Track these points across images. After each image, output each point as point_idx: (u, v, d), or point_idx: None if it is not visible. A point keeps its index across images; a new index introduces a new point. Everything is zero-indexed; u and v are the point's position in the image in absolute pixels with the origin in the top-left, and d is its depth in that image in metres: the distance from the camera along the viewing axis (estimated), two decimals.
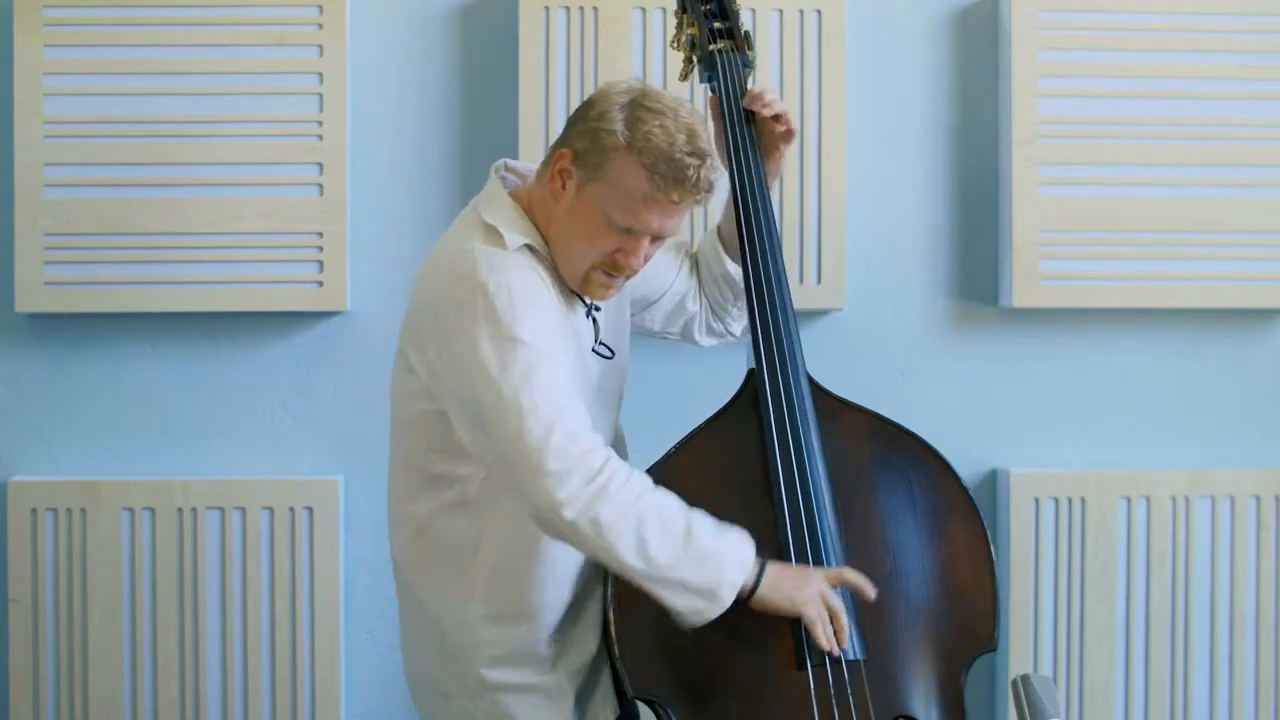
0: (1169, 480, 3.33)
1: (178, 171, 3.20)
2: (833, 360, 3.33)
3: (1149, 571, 3.32)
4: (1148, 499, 3.32)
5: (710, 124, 2.59)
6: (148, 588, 3.21)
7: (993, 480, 3.39)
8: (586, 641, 2.46)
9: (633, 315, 2.67)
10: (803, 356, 2.52)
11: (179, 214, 3.21)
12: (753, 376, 2.51)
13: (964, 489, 2.56)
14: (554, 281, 2.41)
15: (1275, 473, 3.35)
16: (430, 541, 2.44)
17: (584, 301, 2.46)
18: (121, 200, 3.20)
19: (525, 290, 2.31)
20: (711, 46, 2.67)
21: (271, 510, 3.22)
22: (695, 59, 2.70)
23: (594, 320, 2.49)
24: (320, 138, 3.22)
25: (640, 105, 2.34)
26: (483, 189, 2.49)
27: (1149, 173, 3.32)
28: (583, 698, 2.46)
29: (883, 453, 2.55)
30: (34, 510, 3.20)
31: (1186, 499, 3.33)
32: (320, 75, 3.22)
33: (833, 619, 2.35)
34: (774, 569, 2.33)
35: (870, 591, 2.37)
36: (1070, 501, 3.31)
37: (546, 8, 3.23)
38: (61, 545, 3.20)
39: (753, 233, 2.54)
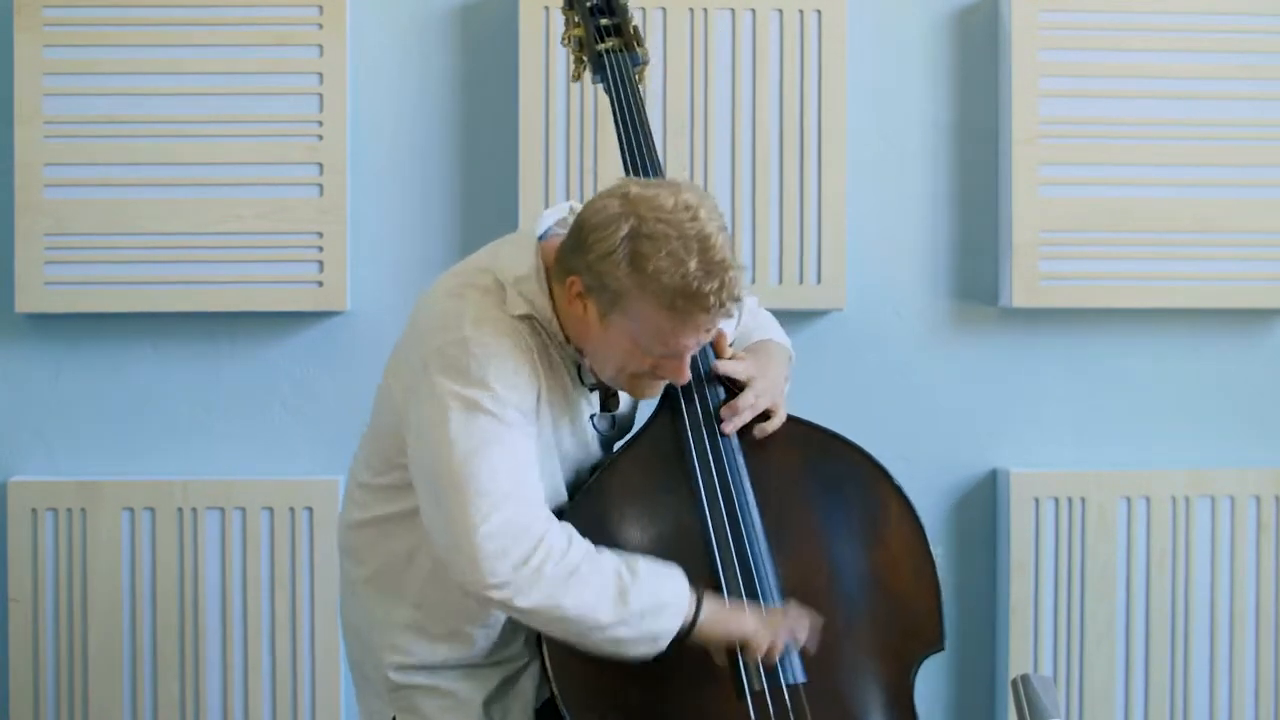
0: (1169, 480, 3.33)
1: (178, 171, 3.20)
2: (833, 360, 3.33)
3: (1149, 571, 3.32)
4: (1148, 499, 3.32)
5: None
6: (148, 588, 3.21)
7: (993, 480, 3.39)
8: (507, 662, 2.42)
9: None
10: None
11: (179, 214, 3.21)
12: (669, 393, 2.40)
13: (898, 489, 2.45)
14: (553, 357, 2.32)
15: (1275, 473, 3.35)
16: (373, 535, 2.41)
17: (584, 382, 2.37)
18: (121, 200, 3.20)
19: (502, 356, 2.22)
20: (599, 45, 2.57)
21: (271, 510, 3.22)
22: (583, 59, 2.60)
23: (604, 389, 2.41)
24: (320, 138, 3.22)
25: (640, 236, 2.16)
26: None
27: (1149, 173, 3.31)
28: (491, 705, 2.40)
29: (811, 460, 2.45)
30: (34, 510, 3.20)
31: (1186, 499, 3.33)
32: (320, 75, 3.22)
33: (787, 635, 2.29)
34: (710, 604, 2.26)
35: (803, 636, 2.30)
36: (1070, 501, 3.31)
37: (546, 8, 3.23)
38: (61, 545, 3.20)
39: None
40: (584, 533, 2.27)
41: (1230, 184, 3.33)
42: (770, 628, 2.28)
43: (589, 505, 2.35)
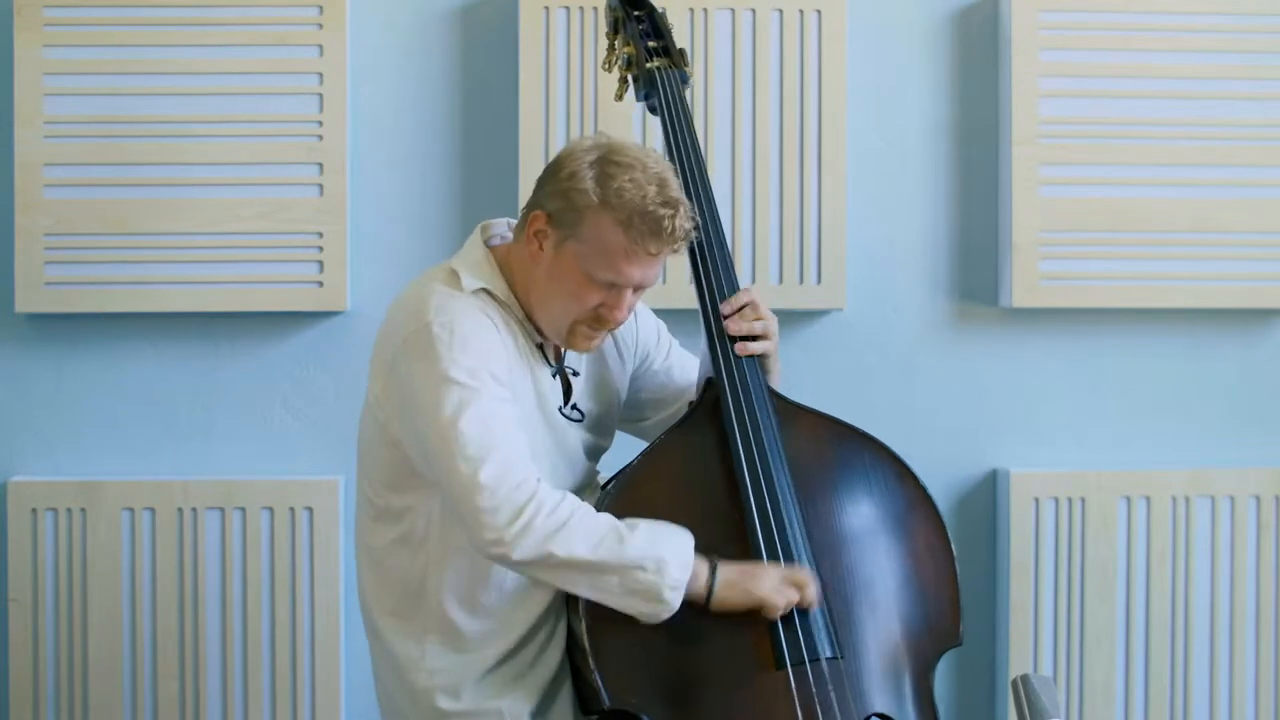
0: (1169, 480, 3.33)
1: (178, 171, 3.20)
2: (833, 360, 3.33)
3: (1149, 571, 3.32)
4: (1148, 499, 3.32)
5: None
6: (148, 588, 3.21)
7: (993, 480, 3.39)
8: (542, 665, 2.47)
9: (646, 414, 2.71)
10: (759, 362, 2.53)
11: (179, 214, 3.21)
12: (711, 385, 2.52)
13: (922, 487, 2.57)
14: (516, 333, 2.44)
15: (1275, 473, 3.35)
16: (385, 574, 2.49)
17: (549, 363, 2.49)
18: (121, 200, 3.20)
19: (467, 330, 2.35)
20: (649, 64, 2.70)
21: (271, 510, 3.22)
22: (632, 78, 2.73)
23: (566, 382, 2.52)
24: (320, 138, 3.22)
25: (609, 161, 2.36)
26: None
27: (1149, 173, 3.32)
28: (538, 717, 2.46)
29: (842, 455, 2.55)
30: (34, 510, 3.20)
31: (1186, 499, 3.33)
32: (320, 75, 3.22)
33: (802, 592, 2.37)
34: (726, 569, 2.35)
35: (813, 597, 2.38)
36: (1070, 501, 3.31)
37: (546, 8, 3.23)
38: (61, 545, 3.20)
39: (701, 248, 2.56)
40: (624, 511, 2.37)
41: (1230, 184, 3.33)
42: (786, 587, 2.36)
43: (627, 482, 2.45)
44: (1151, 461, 3.39)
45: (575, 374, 2.54)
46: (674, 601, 2.31)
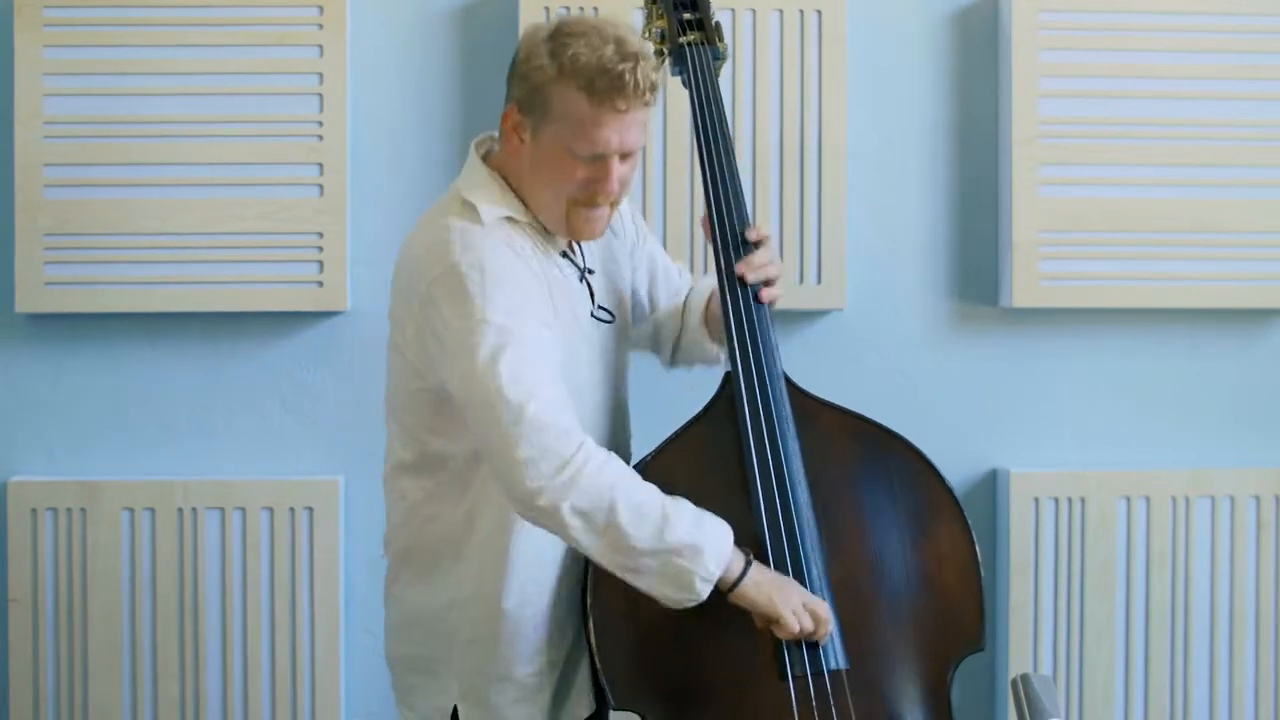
0: (1169, 480, 3.33)
1: (178, 171, 3.21)
2: (833, 360, 3.33)
3: (1149, 571, 3.32)
4: (1148, 499, 3.32)
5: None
6: (148, 588, 3.21)
7: (993, 480, 3.39)
8: (565, 635, 2.45)
9: (635, 322, 2.67)
10: (779, 358, 2.50)
11: (179, 214, 3.21)
12: (729, 380, 2.48)
13: (948, 489, 2.53)
14: (539, 249, 2.39)
15: (1275, 473, 3.35)
16: (422, 521, 2.44)
17: (576, 265, 2.45)
18: (121, 200, 3.20)
19: (498, 269, 2.29)
20: (681, 39, 2.63)
21: (271, 510, 3.22)
22: (665, 51, 2.67)
23: (589, 285, 2.47)
24: (320, 138, 3.22)
25: (561, 34, 2.33)
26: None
27: (1149, 173, 3.32)
28: (560, 695, 2.45)
29: (864, 453, 2.52)
30: (34, 510, 3.20)
31: (1186, 499, 3.33)
32: (320, 75, 3.22)
33: (816, 627, 2.33)
34: (759, 571, 2.31)
35: (825, 633, 2.35)
36: (1070, 501, 3.31)
37: (546, 8, 3.23)
38: (61, 545, 3.20)
39: (725, 231, 2.52)
40: None
41: (1230, 184, 3.33)
42: (805, 614, 2.31)
43: (646, 476, 2.38)
44: (1151, 461, 3.39)
45: (591, 272, 2.49)
46: (704, 593, 2.26)
